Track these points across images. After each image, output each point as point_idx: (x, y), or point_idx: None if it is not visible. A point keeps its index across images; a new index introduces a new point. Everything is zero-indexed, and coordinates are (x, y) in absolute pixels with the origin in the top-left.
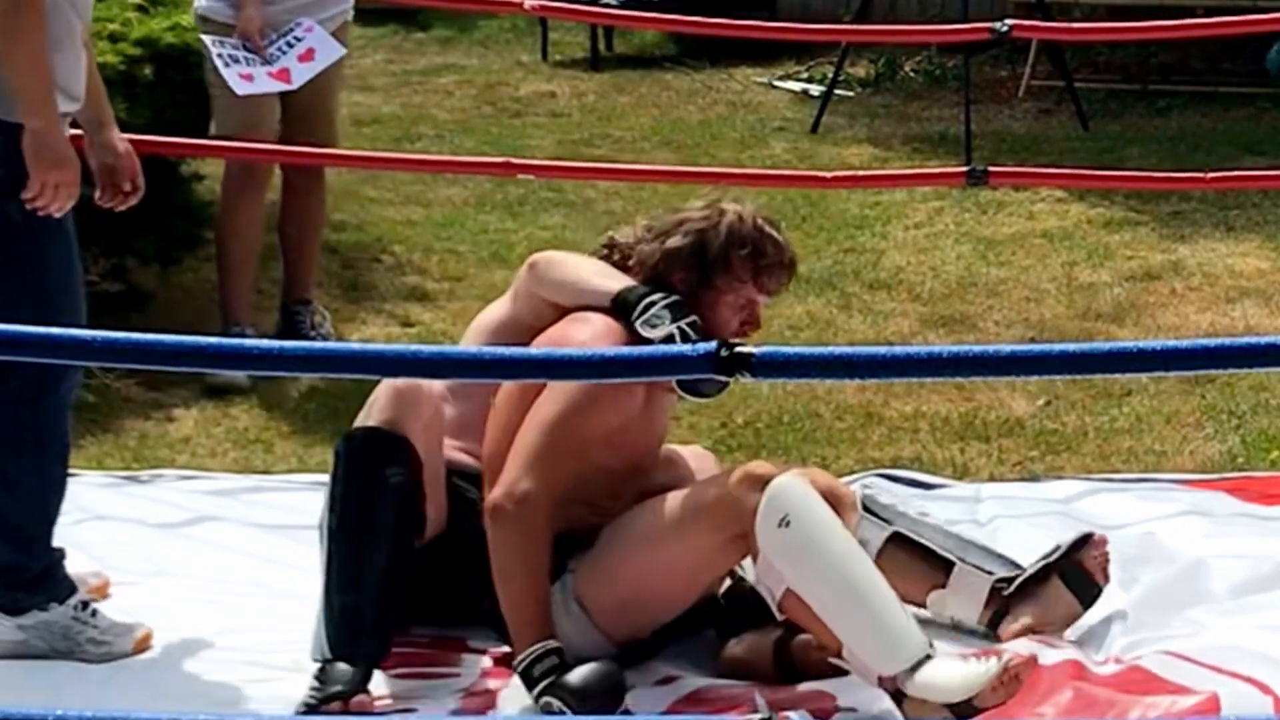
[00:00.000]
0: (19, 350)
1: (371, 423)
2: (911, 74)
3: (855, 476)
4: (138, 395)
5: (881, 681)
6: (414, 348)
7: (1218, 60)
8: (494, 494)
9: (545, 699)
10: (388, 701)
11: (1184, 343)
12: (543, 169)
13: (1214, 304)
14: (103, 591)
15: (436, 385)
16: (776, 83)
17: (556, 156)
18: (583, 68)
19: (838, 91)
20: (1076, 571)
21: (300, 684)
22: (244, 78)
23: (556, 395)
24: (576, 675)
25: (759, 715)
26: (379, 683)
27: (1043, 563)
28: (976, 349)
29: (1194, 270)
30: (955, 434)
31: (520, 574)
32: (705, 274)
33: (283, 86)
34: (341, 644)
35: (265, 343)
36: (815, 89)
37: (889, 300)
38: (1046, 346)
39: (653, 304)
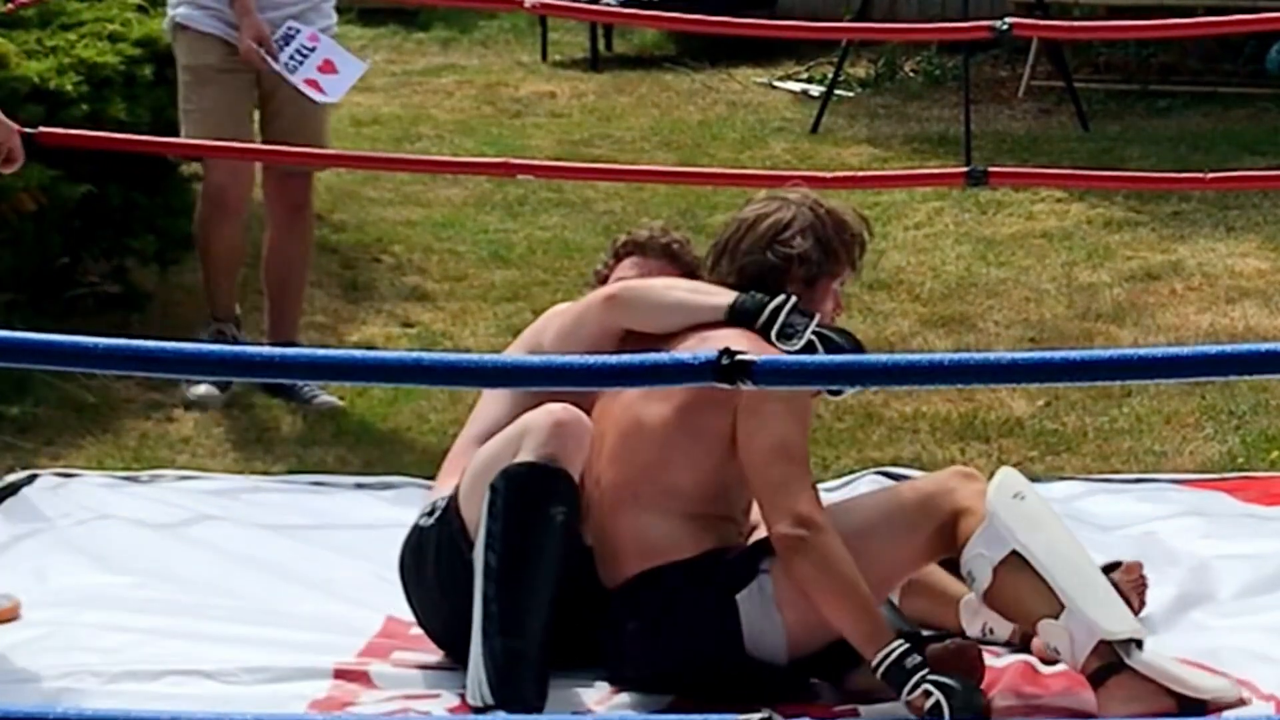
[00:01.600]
0: (15, 357)
1: (531, 457)
2: (911, 74)
3: (855, 476)
4: (138, 395)
5: (1096, 651)
6: (415, 354)
7: (1218, 60)
8: (778, 531)
9: (925, 687)
10: (391, 694)
11: (1185, 349)
12: (543, 169)
13: (1214, 304)
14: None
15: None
16: (776, 83)
17: (556, 156)
18: (583, 68)
19: (838, 91)
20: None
21: (301, 683)
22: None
23: (774, 420)
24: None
25: (759, 715)
26: (380, 674)
27: None
28: (978, 356)
29: (1194, 270)
30: (955, 434)
31: (844, 592)
32: (823, 268)
33: (320, 98)
34: (503, 690)
35: (267, 350)
36: (815, 89)
37: (889, 300)
38: (1047, 354)
39: (778, 310)
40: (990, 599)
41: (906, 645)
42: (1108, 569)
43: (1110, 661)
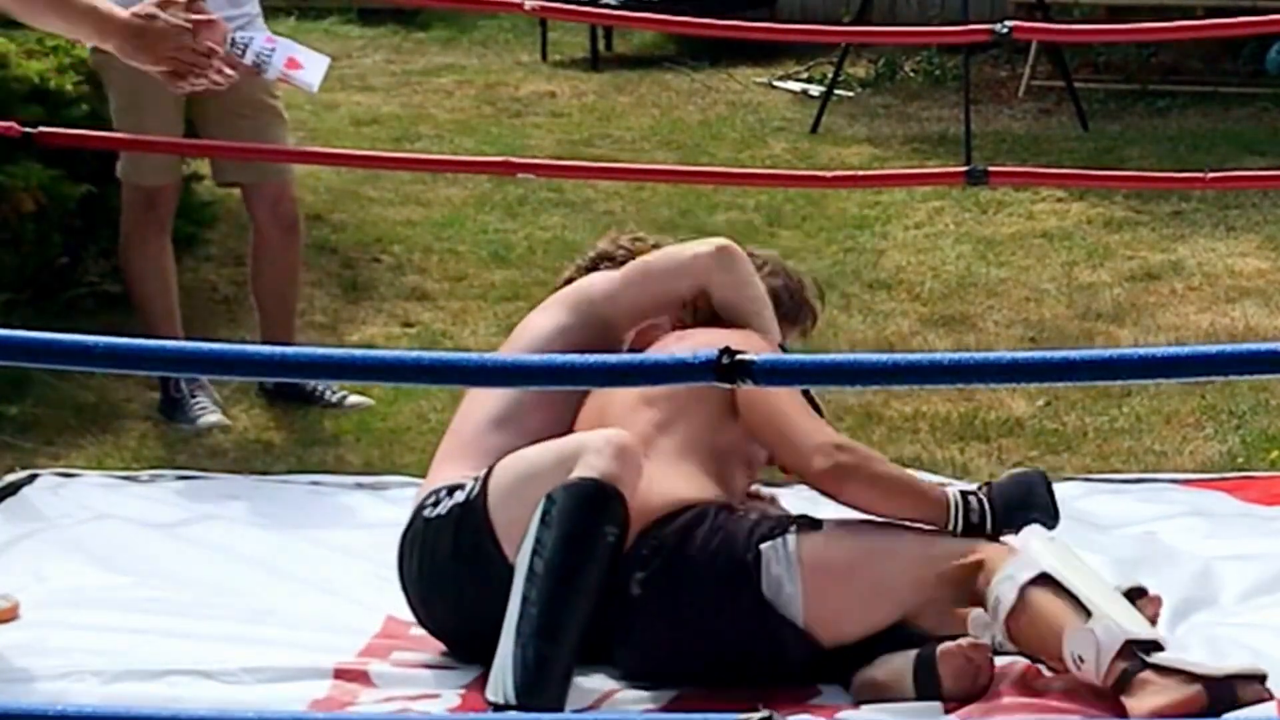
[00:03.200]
0: (15, 357)
1: (593, 474)
2: (911, 74)
3: None
4: (137, 395)
5: (1120, 654)
6: (416, 353)
7: (1218, 60)
8: (816, 469)
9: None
10: (391, 694)
11: (1185, 349)
12: (543, 169)
13: (1214, 304)
14: (12, 613)
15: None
16: (776, 83)
17: (556, 156)
18: (583, 68)
19: (838, 91)
20: None
21: (301, 683)
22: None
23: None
24: (1015, 488)
25: (759, 715)
26: (380, 674)
27: None
28: (978, 356)
29: (1194, 270)
30: (955, 434)
31: (897, 495)
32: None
33: (305, 88)
34: (527, 693)
35: (267, 349)
36: (815, 89)
37: (889, 300)
38: (1047, 354)
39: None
40: (1014, 618)
41: (962, 497)
42: (1130, 594)
43: (1133, 663)
